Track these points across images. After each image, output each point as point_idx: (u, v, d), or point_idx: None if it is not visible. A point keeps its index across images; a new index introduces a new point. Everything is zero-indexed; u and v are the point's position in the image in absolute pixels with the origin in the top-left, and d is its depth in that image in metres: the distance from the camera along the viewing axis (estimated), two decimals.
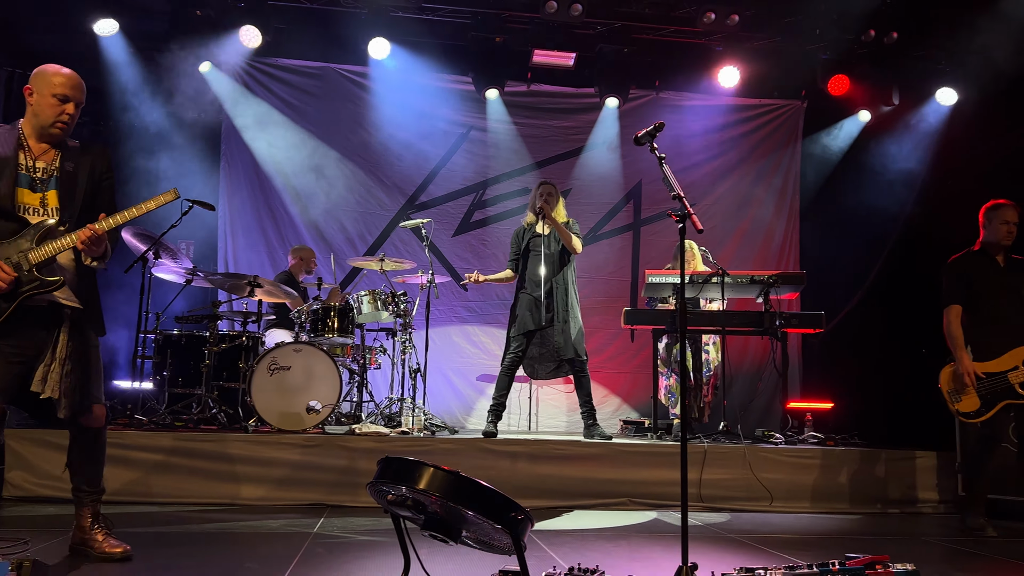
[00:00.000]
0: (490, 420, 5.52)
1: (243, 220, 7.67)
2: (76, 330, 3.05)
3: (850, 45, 7.47)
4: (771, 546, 3.87)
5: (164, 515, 4.26)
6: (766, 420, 7.34)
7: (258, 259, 7.61)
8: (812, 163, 8.42)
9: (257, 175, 7.69)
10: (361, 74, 7.81)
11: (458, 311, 7.83)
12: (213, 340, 5.51)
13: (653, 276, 6.02)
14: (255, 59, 7.60)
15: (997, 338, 4.47)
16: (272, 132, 7.68)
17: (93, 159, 3.16)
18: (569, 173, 8.13)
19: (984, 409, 4.40)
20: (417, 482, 2.27)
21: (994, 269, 4.59)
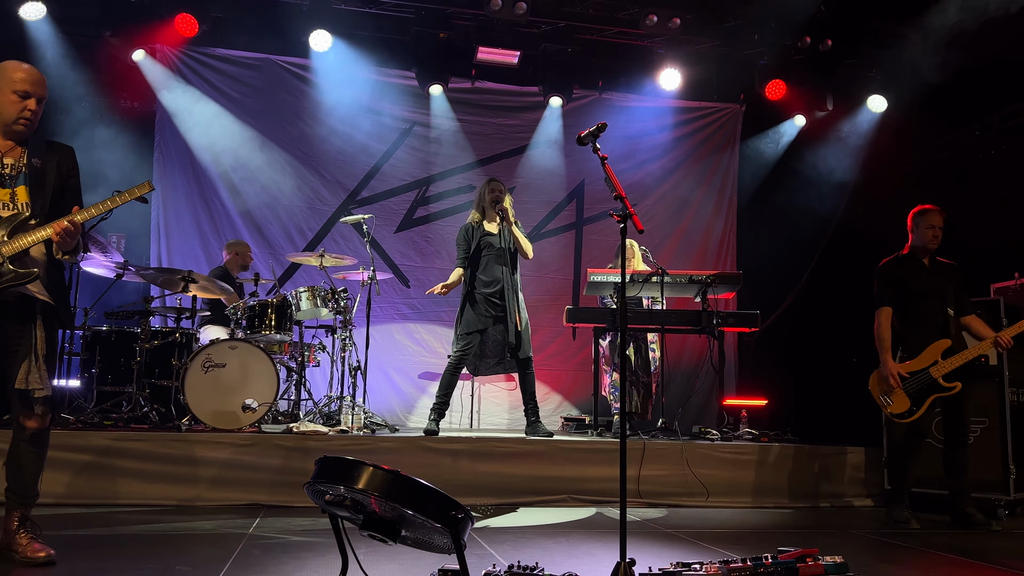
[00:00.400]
0: (432, 418, 5.49)
1: (177, 213, 7.44)
2: (47, 324, 3.05)
3: (787, 51, 7.67)
4: (707, 541, 3.94)
5: (93, 517, 4.11)
6: (703, 417, 7.48)
7: (193, 254, 7.40)
8: (749, 166, 8.62)
9: (192, 167, 7.47)
10: (302, 66, 7.66)
11: (400, 308, 7.77)
12: (145, 337, 5.35)
13: (595, 275, 6.09)
14: (192, 48, 7.38)
15: (921, 338, 4.66)
16: (209, 123, 7.47)
17: (60, 157, 3.17)
18: (513, 171, 8.13)
19: (915, 407, 4.56)
20: (356, 482, 2.24)
21: (922, 271, 4.77)
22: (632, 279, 6.06)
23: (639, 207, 8.15)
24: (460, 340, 5.57)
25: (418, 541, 2.55)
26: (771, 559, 2.77)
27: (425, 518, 2.23)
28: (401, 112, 7.94)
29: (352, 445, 4.95)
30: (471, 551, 3.41)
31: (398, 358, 7.67)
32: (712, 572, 2.68)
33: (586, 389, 7.56)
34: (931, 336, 4.63)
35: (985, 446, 5.06)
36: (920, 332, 4.68)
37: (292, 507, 4.55)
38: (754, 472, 5.42)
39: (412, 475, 2.25)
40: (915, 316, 4.72)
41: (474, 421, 7.34)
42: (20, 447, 3.10)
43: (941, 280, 4.74)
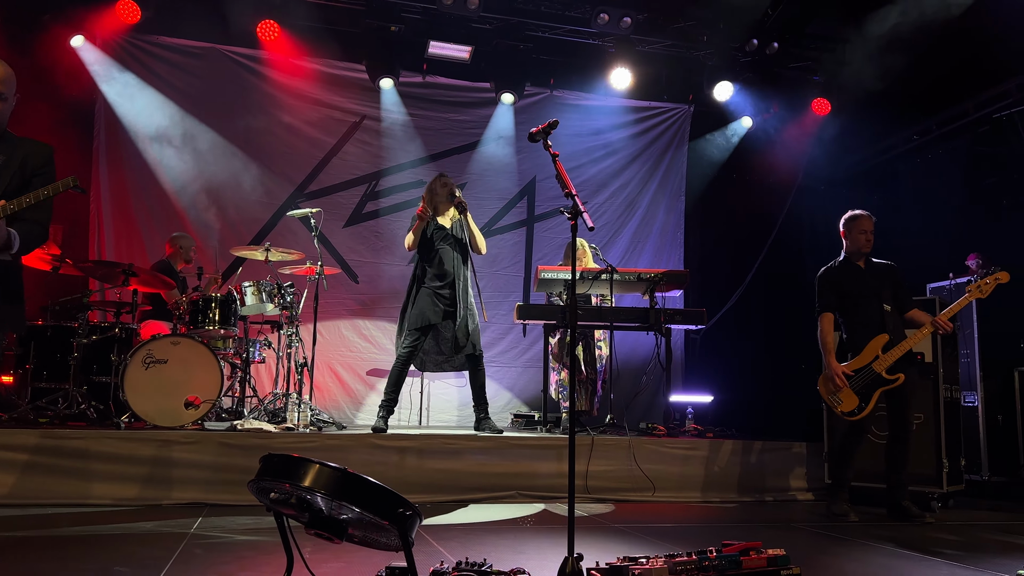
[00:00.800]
0: (381, 415, 5.44)
1: (118, 205, 7.22)
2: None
3: (735, 53, 7.80)
4: (653, 535, 3.99)
5: (26, 519, 3.97)
6: (650, 413, 7.56)
7: (134, 247, 7.19)
8: (697, 166, 8.74)
9: (134, 158, 7.25)
10: (249, 56, 7.51)
11: (348, 304, 7.67)
12: (83, 332, 5.19)
13: (546, 272, 6.11)
14: (134, 35, 7.17)
15: (862, 337, 4.81)
16: (152, 113, 7.27)
17: (27, 154, 3.07)
18: (464, 167, 8.10)
19: (864, 403, 4.70)
20: (302, 479, 2.21)
21: (859, 275, 4.93)
22: (582, 276, 6.10)
23: (590, 205, 8.20)
24: (408, 335, 5.52)
25: (365, 539, 2.53)
26: (715, 552, 2.82)
27: (372, 516, 2.21)
28: (351, 105, 7.84)
29: (298, 443, 4.88)
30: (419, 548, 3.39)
31: (346, 354, 7.58)
32: (658, 566, 2.71)
33: (536, 386, 7.59)
34: (870, 334, 4.78)
35: (920, 441, 5.21)
36: (860, 332, 4.82)
37: (236, 506, 4.46)
38: (699, 467, 5.50)
39: (360, 472, 2.23)
40: (855, 318, 4.87)
41: (423, 418, 7.30)
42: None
43: (877, 281, 4.90)
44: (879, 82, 6.86)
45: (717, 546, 2.88)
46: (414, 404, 7.24)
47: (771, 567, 2.82)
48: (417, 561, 2.35)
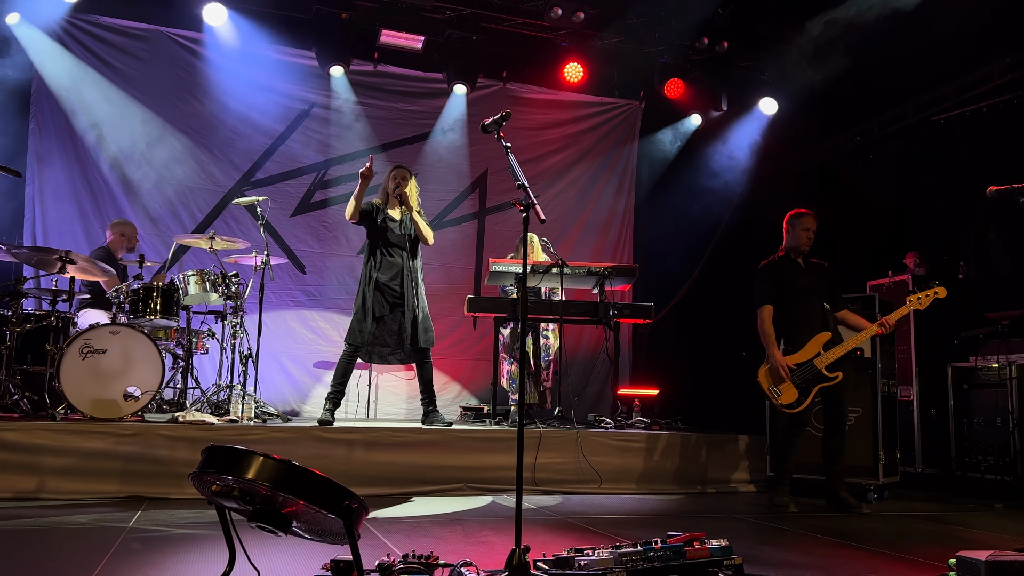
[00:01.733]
0: (327, 408, 5.37)
1: (55, 189, 6.98)
2: None
3: (685, 51, 7.90)
4: (600, 527, 4.03)
5: None
6: (598, 406, 7.63)
7: (72, 233, 6.96)
8: (647, 162, 8.84)
9: (73, 141, 7.02)
10: (194, 40, 7.32)
11: (295, 295, 7.56)
12: (16, 320, 5.00)
13: (497, 264, 6.10)
14: (74, 15, 6.93)
15: (803, 333, 4.92)
16: (91, 96, 7.04)
17: None
18: (415, 158, 8.04)
19: (803, 397, 4.81)
20: (245, 472, 2.16)
21: (799, 271, 5.05)
22: (533, 270, 6.11)
23: (541, 198, 8.10)
24: (356, 327, 5.46)
25: (310, 532, 2.49)
26: (660, 543, 2.85)
27: (317, 508, 2.18)
28: (299, 92, 7.71)
29: (242, 435, 4.78)
30: (365, 541, 3.36)
31: (292, 346, 7.47)
32: (603, 557, 2.73)
33: (486, 378, 7.58)
34: (812, 330, 4.89)
35: (857, 434, 5.38)
36: (801, 327, 4.93)
37: (176, 499, 4.36)
38: (645, 459, 5.57)
39: (305, 465, 2.19)
40: (796, 313, 4.97)
41: (371, 411, 7.23)
42: None
43: (816, 278, 5.03)
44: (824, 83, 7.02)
45: (662, 537, 2.91)
46: (362, 397, 7.17)
47: (714, 557, 2.87)
48: (363, 554, 2.32)
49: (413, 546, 3.07)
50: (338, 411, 5.47)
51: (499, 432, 5.37)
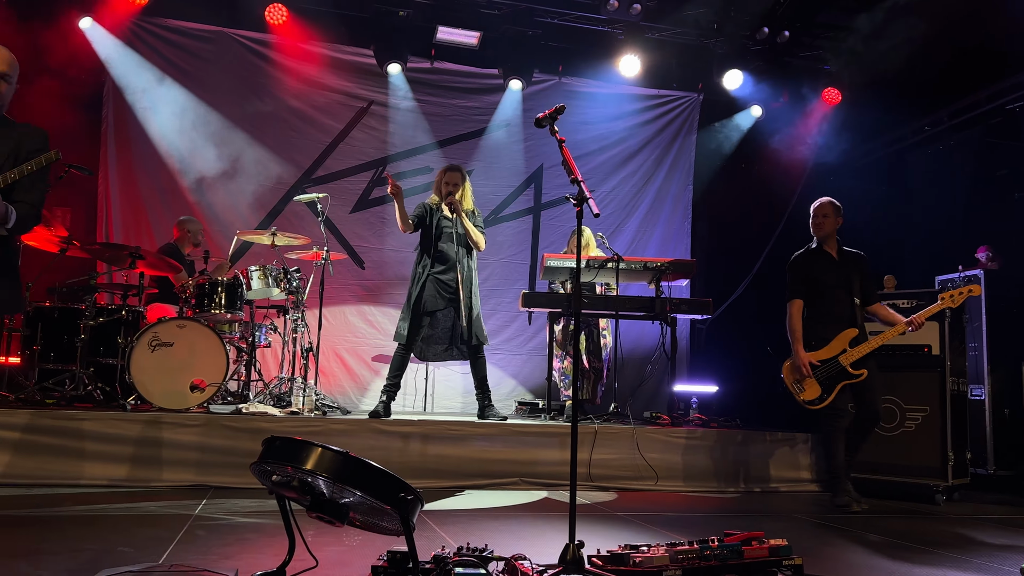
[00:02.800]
0: (382, 400, 5.44)
1: (125, 187, 7.23)
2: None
3: (745, 41, 7.74)
4: (655, 524, 4.00)
5: (32, 498, 4.00)
6: (655, 402, 7.56)
7: (141, 230, 7.20)
8: (706, 155, 8.69)
9: (142, 141, 7.25)
10: (258, 41, 7.48)
11: (354, 290, 7.68)
12: (90, 314, 5.20)
13: (551, 260, 6.09)
14: (142, 18, 7.15)
15: (830, 329, 4.83)
16: (160, 96, 7.26)
17: (22, 137, 3.11)
18: (471, 154, 8.08)
19: (825, 395, 4.75)
20: (304, 462, 2.21)
21: (830, 263, 4.93)
22: (588, 265, 6.08)
23: (596, 193, 8.17)
24: (410, 322, 5.52)
25: (367, 523, 2.54)
26: (717, 542, 2.82)
27: (374, 499, 2.22)
28: (358, 90, 7.82)
29: (302, 427, 4.89)
30: (420, 533, 3.40)
31: (351, 340, 7.59)
32: (659, 554, 2.71)
33: (541, 374, 7.60)
34: (839, 326, 4.80)
35: (925, 434, 5.22)
36: (828, 322, 4.84)
37: (239, 488, 4.49)
38: (703, 457, 5.50)
39: (362, 457, 2.23)
40: (823, 307, 4.88)
41: (428, 404, 7.31)
42: None
43: (848, 270, 4.90)
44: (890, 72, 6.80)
45: (719, 535, 2.88)
46: (419, 391, 7.26)
47: (773, 557, 2.82)
48: (419, 546, 2.35)
49: (468, 538, 3.10)
50: (396, 404, 5.54)
51: (554, 427, 5.37)
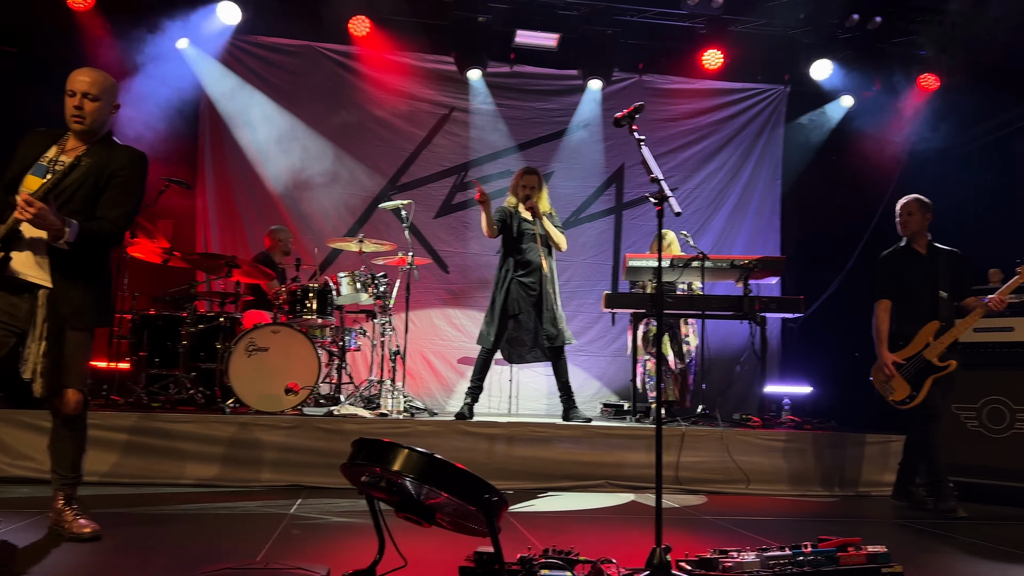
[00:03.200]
0: (466, 402, 5.51)
1: (221, 199, 7.56)
2: (54, 310, 3.06)
3: (833, 30, 7.47)
4: (746, 528, 3.90)
5: (138, 496, 4.23)
6: (744, 404, 7.39)
7: (236, 239, 7.52)
8: (794, 148, 8.43)
9: (236, 154, 7.57)
10: (342, 53, 7.70)
11: (439, 293, 7.80)
12: (190, 321, 5.46)
13: (634, 260, 6.03)
14: (235, 36, 7.46)
15: (914, 325, 4.70)
16: (251, 111, 7.56)
17: (110, 159, 3.20)
18: (552, 155, 8.09)
19: (915, 392, 4.61)
20: (391, 464, 2.26)
21: (916, 261, 4.81)
22: (672, 264, 5.99)
23: (680, 191, 8.05)
24: (494, 324, 5.57)
25: (454, 524, 2.57)
26: (811, 547, 2.73)
27: (459, 500, 2.24)
28: (440, 97, 7.94)
29: (391, 428, 5.00)
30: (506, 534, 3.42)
31: (437, 343, 7.71)
32: (749, 559, 2.65)
33: (625, 375, 7.52)
34: (923, 320, 4.68)
35: None
36: (915, 321, 4.72)
37: (332, 488, 4.61)
38: (796, 460, 5.34)
39: (448, 458, 2.26)
40: (911, 305, 4.77)
41: (512, 406, 7.35)
42: (57, 430, 3.20)
43: (937, 268, 4.75)
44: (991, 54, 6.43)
45: (813, 541, 2.79)
46: (503, 392, 7.31)
47: (871, 564, 2.71)
48: (505, 547, 2.37)
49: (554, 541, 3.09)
50: (481, 406, 5.60)
51: (639, 429, 5.31)
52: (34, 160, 3.15)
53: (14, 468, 4.48)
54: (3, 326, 3.03)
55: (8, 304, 3.04)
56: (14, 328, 3.04)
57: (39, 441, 3.55)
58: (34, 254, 3.06)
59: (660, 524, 2.66)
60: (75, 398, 3.14)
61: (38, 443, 3.89)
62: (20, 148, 3.21)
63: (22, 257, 3.05)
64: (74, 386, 3.13)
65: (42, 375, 2.99)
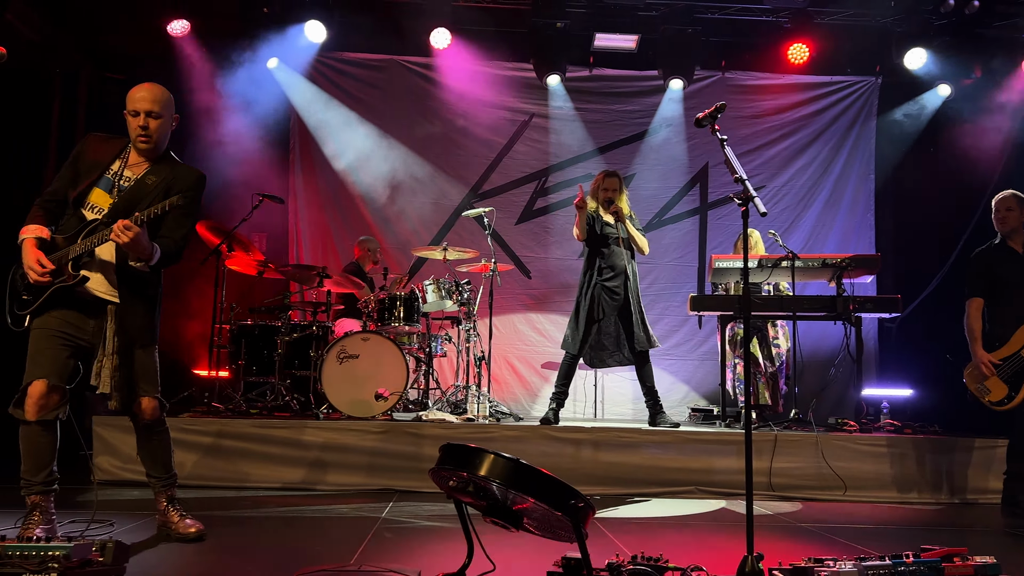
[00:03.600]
0: (551, 407, 5.51)
1: (312, 212, 7.84)
2: (123, 326, 3.16)
3: (927, 16, 7.16)
4: (843, 536, 3.77)
5: (238, 499, 4.41)
6: (840, 408, 7.14)
7: (327, 251, 7.77)
8: (887, 141, 8.11)
9: (324, 168, 7.84)
10: (424, 65, 7.86)
11: (521, 299, 7.85)
12: (285, 330, 5.66)
13: (720, 261, 5.91)
14: (321, 54, 7.73)
15: (1010, 325, 4.57)
16: (338, 125, 7.81)
17: (175, 178, 3.24)
18: (633, 157, 8.03)
19: (1013, 393, 4.48)
20: (477, 469, 2.29)
21: (1012, 258, 4.66)
22: (760, 264, 5.84)
23: (766, 190, 7.85)
24: (570, 336, 5.56)
25: (540, 528, 2.58)
26: (912, 558, 2.62)
27: (545, 506, 2.26)
28: (519, 104, 8.00)
29: (478, 433, 5.06)
30: (594, 540, 3.41)
31: (521, 348, 7.75)
32: (847, 570, 2.56)
33: (713, 379, 7.38)
34: (1020, 321, 4.53)
35: None
36: (1008, 319, 4.59)
37: (422, 492, 4.70)
38: (896, 466, 5.12)
39: (533, 464, 2.28)
40: (1006, 305, 4.63)
41: (598, 411, 7.32)
42: (142, 437, 3.36)
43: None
44: None
45: (915, 551, 2.67)
46: (588, 397, 7.28)
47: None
48: (593, 553, 2.37)
49: (642, 547, 3.07)
50: (566, 411, 5.59)
51: (729, 435, 5.20)
52: (99, 173, 3.18)
53: (124, 472, 4.75)
54: (69, 340, 3.08)
55: (76, 319, 3.11)
56: (81, 341, 3.12)
57: None
58: (104, 271, 3.15)
59: (751, 531, 2.60)
60: (152, 405, 3.27)
61: None
62: (82, 157, 3.22)
63: (94, 275, 3.13)
64: (149, 394, 3.26)
65: (116, 389, 3.10)
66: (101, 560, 2.42)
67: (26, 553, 2.32)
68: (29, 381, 3.02)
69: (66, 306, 3.10)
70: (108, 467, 4.75)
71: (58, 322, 3.09)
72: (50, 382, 3.02)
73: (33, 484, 3.05)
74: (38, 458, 3.05)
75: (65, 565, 2.28)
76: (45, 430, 3.05)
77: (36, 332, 3.10)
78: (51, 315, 3.09)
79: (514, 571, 2.90)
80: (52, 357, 3.05)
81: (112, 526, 3.40)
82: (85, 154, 3.23)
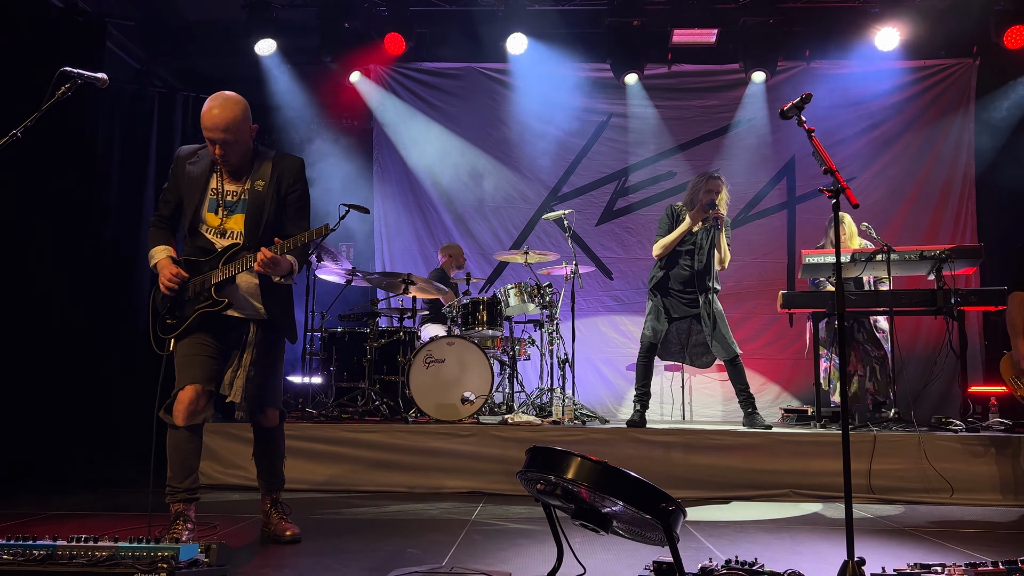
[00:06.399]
0: (636, 409, 5.43)
1: (396, 221, 8.01)
2: (261, 340, 3.28)
3: None
4: (950, 540, 3.59)
5: (332, 501, 4.53)
6: (943, 406, 6.81)
7: (411, 258, 7.92)
8: (988, 126, 7.69)
9: (407, 177, 8.00)
10: (501, 71, 7.93)
11: (604, 301, 7.80)
12: (373, 336, 5.79)
13: (811, 256, 5.73)
14: (400, 65, 7.90)
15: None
16: (419, 135, 7.97)
17: (281, 173, 3.30)
18: (715, 153, 7.87)
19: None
20: (565, 472, 2.28)
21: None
22: (853, 258, 5.63)
23: (858, 180, 7.56)
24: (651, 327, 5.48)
25: (631, 532, 2.56)
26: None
27: (634, 509, 2.23)
28: (597, 105, 7.97)
29: (564, 436, 5.05)
30: (686, 544, 3.36)
31: (604, 350, 7.70)
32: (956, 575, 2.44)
33: (807, 378, 7.14)
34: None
35: None
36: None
37: (510, 495, 4.72)
38: (1007, 466, 4.84)
39: (622, 467, 2.26)
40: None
41: (686, 413, 7.20)
42: (259, 443, 3.51)
43: None
44: None
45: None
46: (676, 399, 7.17)
47: None
48: (684, 557, 2.33)
49: (736, 551, 3.00)
50: (653, 414, 5.53)
51: (825, 435, 5.03)
52: (200, 194, 3.26)
53: (226, 476, 4.96)
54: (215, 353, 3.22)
55: (218, 339, 3.25)
56: (223, 349, 3.27)
57: (246, 451, 3.91)
58: (247, 293, 3.27)
59: (851, 535, 2.51)
60: (275, 414, 3.44)
61: (245, 453, 4.28)
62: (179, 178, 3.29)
63: (236, 297, 3.25)
64: (274, 405, 3.41)
65: (245, 399, 3.23)
66: (207, 561, 2.53)
67: (137, 554, 2.45)
68: (181, 386, 3.15)
69: (207, 330, 3.23)
70: (211, 472, 4.96)
71: (203, 335, 3.23)
72: (200, 387, 3.15)
73: (178, 491, 3.13)
74: (185, 464, 3.16)
75: (174, 566, 2.39)
76: (192, 435, 3.18)
77: (184, 342, 3.22)
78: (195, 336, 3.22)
79: (605, 575, 2.88)
80: (201, 363, 3.18)
81: (215, 529, 3.55)
82: (179, 175, 3.32)
